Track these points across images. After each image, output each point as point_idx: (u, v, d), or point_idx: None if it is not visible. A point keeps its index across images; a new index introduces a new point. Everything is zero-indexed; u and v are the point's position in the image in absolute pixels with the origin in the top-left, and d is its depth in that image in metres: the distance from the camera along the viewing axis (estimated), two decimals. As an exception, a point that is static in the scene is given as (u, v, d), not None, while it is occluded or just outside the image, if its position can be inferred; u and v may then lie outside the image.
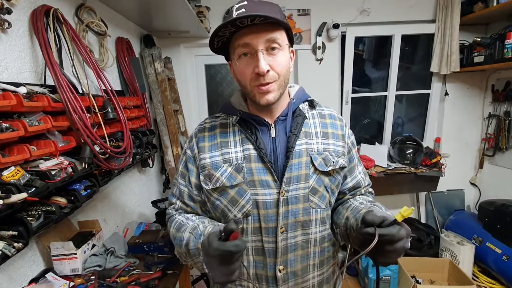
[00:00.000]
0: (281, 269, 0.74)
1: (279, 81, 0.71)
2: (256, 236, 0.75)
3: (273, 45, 0.68)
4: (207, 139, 0.80)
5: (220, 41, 0.71)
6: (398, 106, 2.84)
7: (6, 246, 0.83)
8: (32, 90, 0.96)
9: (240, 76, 0.72)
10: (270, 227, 0.73)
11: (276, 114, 0.79)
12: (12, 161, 0.85)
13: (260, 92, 0.70)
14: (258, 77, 0.68)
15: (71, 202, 1.10)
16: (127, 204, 1.80)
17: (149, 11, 1.82)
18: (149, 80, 2.07)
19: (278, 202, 0.73)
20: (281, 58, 0.70)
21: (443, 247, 2.45)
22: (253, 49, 0.67)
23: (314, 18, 2.49)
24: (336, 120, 0.85)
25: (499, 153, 2.60)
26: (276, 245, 0.74)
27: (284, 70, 0.71)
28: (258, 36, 0.66)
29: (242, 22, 0.64)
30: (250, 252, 0.76)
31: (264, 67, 0.66)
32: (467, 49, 2.48)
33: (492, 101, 2.63)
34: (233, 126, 0.79)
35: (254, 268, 0.76)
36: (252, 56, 0.69)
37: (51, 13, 1.08)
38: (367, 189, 0.91)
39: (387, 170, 2.48)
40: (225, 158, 0.76)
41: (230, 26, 0.65)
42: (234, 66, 0.74)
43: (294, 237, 0.75)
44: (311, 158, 0.75)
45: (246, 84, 0.72)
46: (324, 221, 0.79)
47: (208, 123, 0.84)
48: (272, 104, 0.73)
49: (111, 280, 1.16)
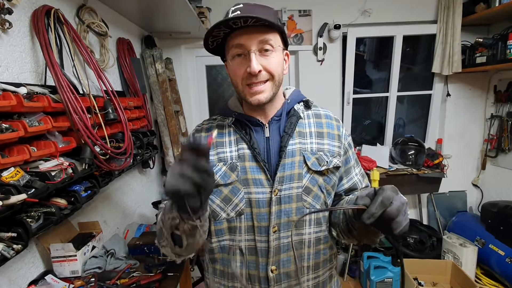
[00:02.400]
0: (273, 269, 0.74)
1: (271, 82, 0.73)
2: (249, 235, 0.75)
3: (266, 46, 0.70)
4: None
5: (215, 42, 0.74)
6: (399, 107, 2.83)
7: (5, 247, 0.82)
8: (32, 90, 0.95)
9: (233, 75, 0.74)
10: (262, 226, 0.74)
11: (270, 115, 0.80)
12: (12, 161, 0.85)
13: (251, 92, 0.72)
14: (250, 76, 0.70)
15: (71, 203, 1.09)
16: (128, 205, 1.80)
17: (150, 12, 1.82)
18: (150, 81, 2.07)
19: (270, 201, 0.73)
20: (274, 59, 0.72)
21: (445, 249, 2.44)
22: (246, 49, 0.69)
23: (315, 19, 2.48)
24: (332, 120, 0.85)
25: (501, 154, 2.59)
26: (268, 245, 0.73)
27: (277, 70, 0.73)
28: (251, 37, 0.69)
29: (235, 23, 0.66)
30: (244, 252, 0.76)
31: (256, 67, 0.68)
32: (469, 50, 2.48)
33: (494, 102, 2.62)
34: (228, 127, 0.81)
35: (246, 268, 0.76)
36: (245, 57, 0.71)
37: (52, 13, 1.08)
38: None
39: (389, 171, 2.47)
40: (220, 157, 0.78)
41: (223, 26, 0.67)
42: (228, 66, 0.76)
43: (287, 237, 0.74)
44: (304, 157, 0.76)
45: (237, 83, 0.74)
46: (320, 222, 0.78)
47: (206, 124, 0.86)
48: (264, 104, 0.75)
49: (111, 282, 1.15)
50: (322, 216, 0.79)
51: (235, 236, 0.76)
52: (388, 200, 0.56)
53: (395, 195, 0.57)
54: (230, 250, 0.77)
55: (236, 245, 0.76)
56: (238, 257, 0.76)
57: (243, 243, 0.75)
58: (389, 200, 0.56)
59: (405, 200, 0.58)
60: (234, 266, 0.76)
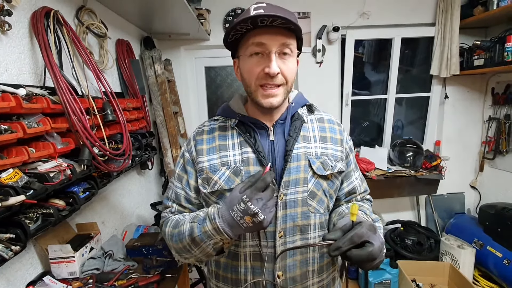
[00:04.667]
0: (279, 274, 0.73)
1: (285, 86, 0.73)
2: (254, 241, 0.74)
3: (286, 50, 0.69)
4: (205, 142, 0.80)
5: (234, 36, 0.71)
6: (398, 109, 2.84)
7: (4, 249, 0.82)
8: (31, 91, 0.96)
9: (247, 74, 0.72)
10: (268, 231, 0.73)
11: (275, 118, 0.79)
12: (11, 163, 0.85)
13: (265, 94, 0.71)
14: (266, 77, 0.69)
15: (69, 204, 1.09)
16: (126, 207, 1.79)
17: (149, 14, 1.83)
18: (149, 82, 2.07)
19: (276, 205, 0.72)
20: (291, 64, 0.71)
21: (443, 250, 2.44)
22: (267, 49, 0.68)
23: (314, 21, 2.49)
24: (335, 125, 0.85)
25: (499, 156, 2.60)
26: (274, 250, 0.73)
27: (291, 76, 0.72)
28: (274, 38, 0.67)
29: (262, 21, 0.64)
30: (248, 258, 0.75)
31: (275, 69, 0.67)
32: (467, 52, 2.49)
33: (492, 104, 2.63)
34: (231, 129, 0.79)
35: (251, 274, 0.75)
36: (263, 57, 0.69)
37: (52, 15, 1.08)
38: (364, 196, 0.90)
39: (387, 173, 2.47)
40: (223, 161, 0.76)
41: (249, 22, 0.64)
42: (242, 63, 0.74)
43: (293, 242, 0.74)
44: (309, 161, 0.75)
45: (251, 82, 0.72)
46: (323, 226, 0.79)
47: (207, 126, 0.84)
48: (275, 109, 0.74)
49: (109, 283, 1.15)
50: (325, 220, 0.79)
51: (240, 241, 0.75)
52: (360, 238, 0.57)
53: (372, 234, 0.58)
54: (235, 256, 0.76)
55: (241, 251, 0.75)
56: (242, 263, 0.75)
57: (247, 249, 0.74)
58: (361, 239, 0.57)
59: (382, 241, 0.59)
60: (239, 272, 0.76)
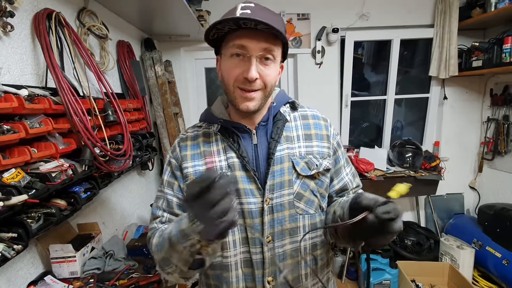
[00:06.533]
0: (269, 280, 0.72)
1: (263, 91, 0.71)
2: (244, 247, 0.73)
3: (268, 55, 0.67)
4: (189, 148, 0.78)
5: (217, 34, 0.69)
6: (397, 109, 2.86)
7: (6, 248, 0.83)
8: (33, 92, 0.96)
9: (226, 74, 0.71)
10: (256, 237, 0.71)
11: (257, 120, 0.77)
12: (13, 163, 0.86)
13: (242, 96, 0.69)
14: (245, 81, 0.68)
15: (71, 204, 1.09)
16: (127, 207, 1.80)
17: (150, 15, 1.84)
18: (150, 83, 2.08)
19: (263, 210, 0.71)
20: (271, 70, 0.69)
21: (443, 251, 2.45)
22: (248, 53, 0.66)
23: (314, 22, 2.51)
24: (320, 120, 0.82)
25: (498, 157, 2.61)
26: (263, 256, 0.71)
27: (271, 82, 0.70)
28: (257, 42, 0.65)
29: (245, 24, 0.62)
30: (239, 265, 0.73)
31: (254, 74, 0.66)
32: (465, 54, 2.50)
33: (490, 105, 2.65)
34: (215, 135, 0.78)
35: (244, 281, 0.74)
36: (244, 59, 0.67)
37: (53, 16, 1.09)
38: (356, 191, 0.86)
39: (387, 174, 2.48)
40: (209, 168, 0.74)
41: (232, 23, 0.63)
42: (223, 62, 0.72)
43: (282, 246, 0.73)
44: (293, 163, 0.74)
45: (229, 83, 0.70)
46: (314, 228, 0.76)
47: (190, 132, 0.82)
48: (252, 113, 0.73)
49: (110, 283, 1.15)
50: (319, 221, 0.77)
51: (228, 251, 0.72)
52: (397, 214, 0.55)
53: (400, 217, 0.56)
54: (225, 267, 0.73)
55: (231, 261, 0.72)
56: (233, 272, 0.73)
57: (238, 256, 0.73)
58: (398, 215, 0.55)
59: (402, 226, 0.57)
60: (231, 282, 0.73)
